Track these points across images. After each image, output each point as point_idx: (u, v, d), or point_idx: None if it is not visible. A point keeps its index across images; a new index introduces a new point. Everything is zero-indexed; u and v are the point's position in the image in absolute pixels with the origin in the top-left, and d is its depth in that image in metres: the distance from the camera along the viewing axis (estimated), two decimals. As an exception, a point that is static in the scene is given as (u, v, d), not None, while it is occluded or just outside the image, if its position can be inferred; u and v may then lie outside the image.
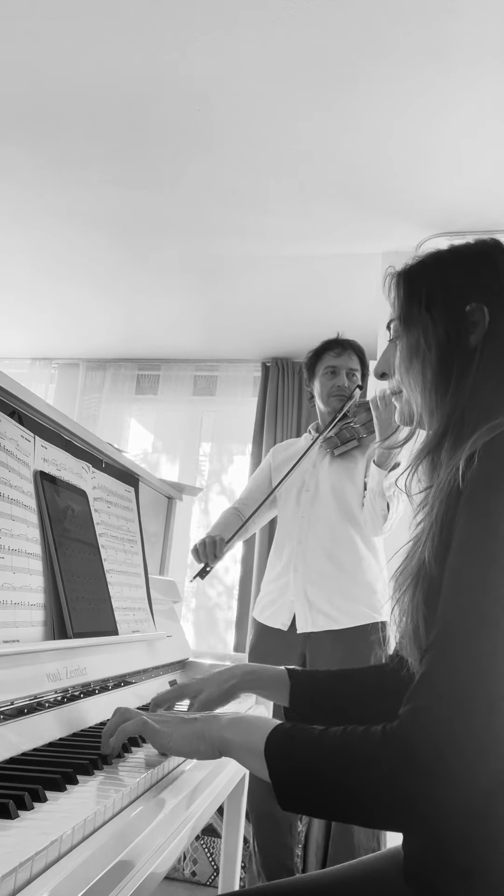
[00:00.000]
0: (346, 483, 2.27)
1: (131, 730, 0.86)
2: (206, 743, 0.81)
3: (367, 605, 2.18)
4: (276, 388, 4.33)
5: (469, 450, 0.75)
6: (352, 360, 2.37)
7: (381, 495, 2.08)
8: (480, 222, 2.88)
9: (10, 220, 3.12)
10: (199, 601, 4.37)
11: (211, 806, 1.01)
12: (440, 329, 0.86)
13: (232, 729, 0.80)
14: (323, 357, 2.38)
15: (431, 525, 0.77)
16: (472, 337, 0.85)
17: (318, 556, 2.22)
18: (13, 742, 0.85)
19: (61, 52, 2.13)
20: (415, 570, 0.79)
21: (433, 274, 0.90)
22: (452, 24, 1.94)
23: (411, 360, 0.88)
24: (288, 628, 2.23)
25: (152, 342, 4.42)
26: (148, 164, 2.65)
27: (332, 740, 0.72)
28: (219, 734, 0.80)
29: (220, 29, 2.00)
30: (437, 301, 0.87)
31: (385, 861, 0.93)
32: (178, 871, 2.64)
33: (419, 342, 0.87)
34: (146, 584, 1.56)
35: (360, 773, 0.69)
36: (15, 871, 0.53)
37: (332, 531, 2.23)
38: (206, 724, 0.82)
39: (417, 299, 0.88)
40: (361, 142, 2.44)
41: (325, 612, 2.17)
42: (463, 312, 0.85)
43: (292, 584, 2.23)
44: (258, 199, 2.82)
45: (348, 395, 2.32)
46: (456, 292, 0.87)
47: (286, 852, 2.24)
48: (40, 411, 1.20)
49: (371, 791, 0.68)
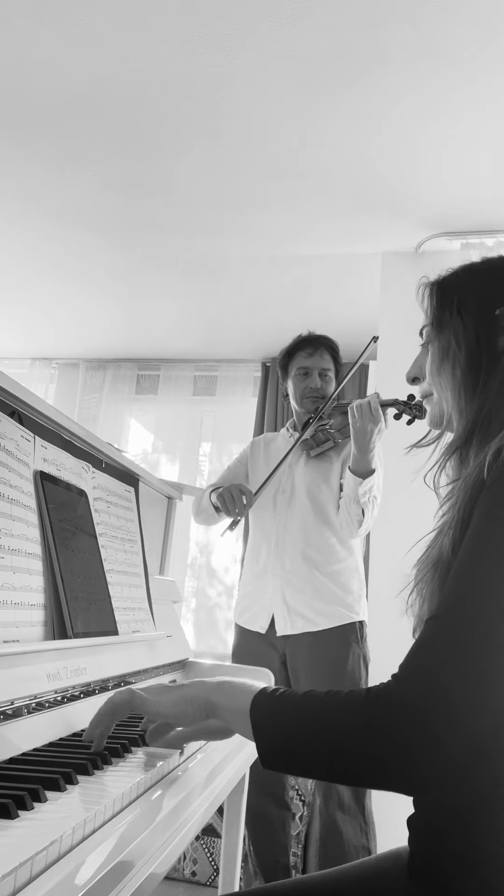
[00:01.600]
0: (321, 485, 2.27)
1: (120, 700, 0.88)
2: (194, 706, 0.84)
3: (344, 606, 2.19)
4: (276, 388, 4.33)
5: (497, 444, 0.78)
6: (324, 360, 2.35)
7: (355, 501, 2.08)
8: (480, 222, 2.88)
9: (10, 219, 3.12)
10: (199, 601, 4.37)
11: (211, 806, 1.01)
12: (470, 331, 0.90)
13: (218, 691, 0.83)
14: (295, 357, 2.37)
15: (454, 516, 0.80)
16: (500, 339, 0.88)
17: (295, 558, 2.22)
18: (13, 742, 0.85)
19: (60, 53, 2.13)
20: (434, 558, 0.82)
21: (465, 281, 0.95)
22: (452, 25, 1.94)
23: (442, 362, 0.92)
24: (266, 630, 2.24)
25: (152, 342, 4.42)
26: (147, 164, 2.65)
27: (315, 699, 0.75)
28: (205, 696, 0.84)
29: (220, 29, 2.00)
30: (467, 305, 0.91)
31: (387, 861, 0.93)
32: (178, 871, 2.64)
33: (450, 344, 0.91)
34: (146, 584, 1.56)
35: (342, 727, 0.71)
36: (15, 871, 0.53)
37: (308, 533, 2.24)
38: (193, 688, 0.86)
39: (449, 304, 0.93)
40: (361, 142, 2.44)
41: (302, 614, 2.18)
42: (493, 316, 0.89)
43: (270, 588, 2.24)
44: (258, 199, 2.82)
45: (321, 395, 2.31)
46: (486, 297, 0.91)
47: (281, 850, 2.24)
48: (40, 411, 1.20)
49: (354, 745, 0.70)
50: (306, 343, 2.37)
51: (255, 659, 2.21)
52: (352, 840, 2.08)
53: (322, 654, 2.15)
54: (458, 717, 0.67)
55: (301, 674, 2.18)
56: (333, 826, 2.10)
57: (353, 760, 0.71)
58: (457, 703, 0.67)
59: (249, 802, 2.21)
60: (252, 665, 2.18)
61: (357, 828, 2.10)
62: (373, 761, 0.70)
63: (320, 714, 0.74)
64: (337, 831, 2.09)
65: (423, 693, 0.68)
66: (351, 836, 2.09)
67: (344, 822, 2.09)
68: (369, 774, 0.74)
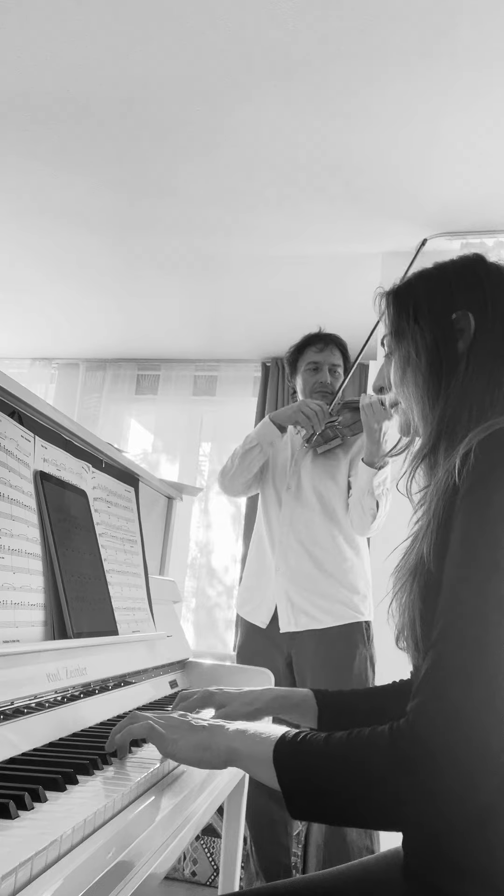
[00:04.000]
0: (328, 482, 2.26)
1: (137, 733, 0.87)
2: (212, 753, 0.81)
3: (349, 605, 2.17)
4: (276, 388, 4.33)
5: (464, 447, 0.77)
6: (334, 356, 2.35)
7: (370, 493, 2.07)
8: (480, 222, 2.88)
9: (9, 219, 3.12)
10: (199, 601, 4.38)
11: (211, 806, 1.01)
12: (428, 337, 0.90)
13: (239, 739, 0.80)
14: (305, 352, 2.37)
15: (429, 522, 0.79)
16: (459, 343, 0.88)
17: (300, 555, 2.21)
18: (13, 742, 0.85)
19: (60, 53, 2.13)
20: (412, 566, 0.81)
21: (419, 288, 0.95)
22: (452, 25, 1.94)
23: (405, 371, 0.92)
24: (267, 626, 2.23)
25: (152, 342, 4.42)
26: (147, 163, 2.65)
27: (339, 744, 0.73)
28: (226, 744, 0.81)
29: (220, 29, 2.00)
30: (423, 312, 0.91)
31: (384, 862, 0.93)
32: (178, 871, 2.64)
33: (410, 352, 0.91)
34: (146, 584, 1.56)
35: (370, 775, 0.70)
36: (15, 871, 0.53)
37: (314, 530, 2.23)
38: (213, 734, 0.83)
39: (406, 313, 0.93)
40: (361, 141, 2.44)
41: (306, 611, 2.17)
42: (449, 320, 0.89)
43: (274, 584, 2.23)
44: (258, 198, 2.82)
45: (331, 391, 2.31)
46: (441, 302, 0.91)
47: (283, 851, 2.24)
48: (40, 411, 1.20)
49: (383, 792, 0.69)
50: (316, 339, 2.37)
51: (260, 657, 2.20)
52: (355, 841, 2.08)
53: (328, 655, 2.14)
54: (481, 758, 0.66)
55: (307, 674, 2.16)
56: (337, 828, 2.10)
57: (387, 814, 0.71)
58: (478, 739, 0.66)
59: (253, 803, 2.21)
60: (257, 664, 2.18)
61: (361, 830, 2.10)
62: (406, 813, 0.70)
63: (346, 763, 0.72)
64: (340, 832, 2.09)
65: (439, 732, 0.67)
66: (354, 838, 2.08)
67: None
68: (402, 823, 0.74)
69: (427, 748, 0.67)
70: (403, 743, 0.68)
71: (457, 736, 0.66)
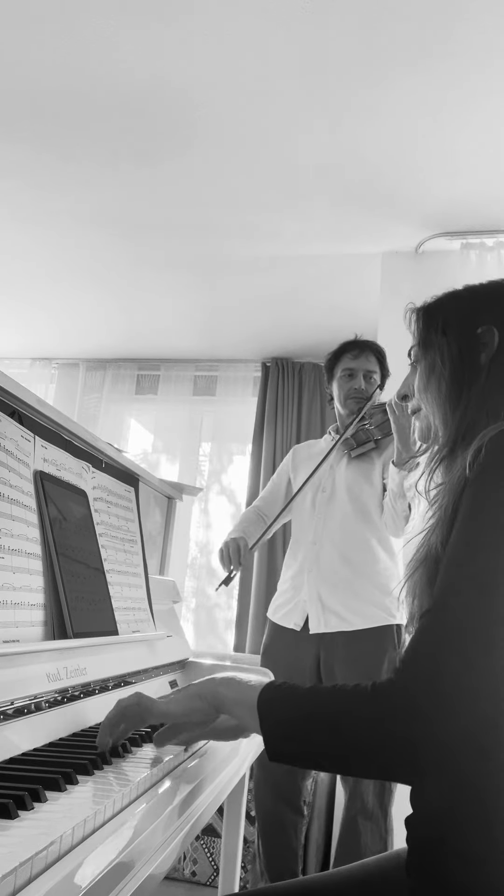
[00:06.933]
0: (362, 484, 2.26)
1: (127, 703, 0.91)
2: (203, 700, 0.88)
3: (381, 608, 2.15)
4: (276, 388, 4.33)
5: (477, 444, 0.82)
6: (369, 362, 2.35)
7: (401, 496, 2.07)
8: (480, 222, 2.88)
9: (9, 219, 3.12)
10: (199, 601, 4.37)
11: (211, 805, 1.01)
12: (454, 347, 0.96)
13: (226, 685, 0.87)
14: (341, 359, 2.37)
15: (441, 516, 0.84)
16: (482, 355, 0.94)
17: (332, 556, 2.21)
18: (13, 742, 0.85)
19: (63, 53, 2.13)
20: (423, 555, 0.86)
21: (448, 305, 1.01)
22: (453, 24, 1.94)
23: (429, 378, 0.98)
24: (301, 629, 2.21)
25: (152, 342, 4.42)
26: (148, 163, 2.65)
27: (322, 691, 0.79)
28: (213, 690, 0.87)
29: (222, 29, 2.00)
30: (451, 325, 0.98)
31: (388, 862, 0.93)
32: (178, 871, 2.64)
33: (435, 360, 0.97)
34: (146, 584, 1.56)
35: (351, 720, 0.75)
36: (15, 871, 0.53)
37: (347, 532, 2.22)
38: (202, 684, 0.90)
39: (435, 326, 0.99)
40: (361, 141, 2.44)
41: (337, 612, 2.16)
42: (475, 333, 0.95)
43: (306, 585, 2.22)
44: (258, 198, 2.82)
45: (365, 397, 2.31)
46: (468, 316, 0.97)
47: (291, 855, 2.23)
48: (40, 411, 1.20)
49: (360, 736, 0.74)
50: (352, 345, 2.38)
51: (285, 658, 2.19)
52: (369, 845, 2.07)
53: (358, 658, 2.12)
54: (453, 705, 0.71)
55: (336, 677, 2.14)
56: (353, 828, 2.09)
57: (359, 750, 0.75)
58: (451, 691, 0.71)
59: (264, 806, 2.21)
60: (284, 664, 2.17)
61: (377, 835, 2.08)
62: (377, 751, 0.74)
63: (327, 705, 0.77)
64: (356, 833, 2.08)
65: (419, 684, 0.72)
66: (369, 841, 2.08)
67: (364, 826, 2.08)
68: (375, 765, 0.77)
69: (407, 695, 0.72)
70: (385, 692, 0.74)
71: (438, 688, 0.71)
